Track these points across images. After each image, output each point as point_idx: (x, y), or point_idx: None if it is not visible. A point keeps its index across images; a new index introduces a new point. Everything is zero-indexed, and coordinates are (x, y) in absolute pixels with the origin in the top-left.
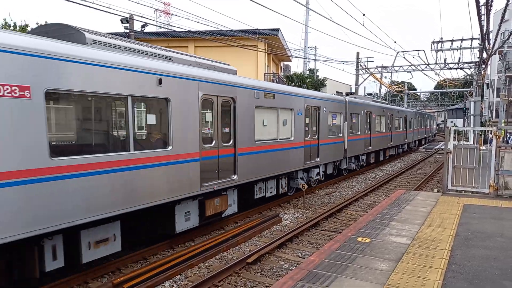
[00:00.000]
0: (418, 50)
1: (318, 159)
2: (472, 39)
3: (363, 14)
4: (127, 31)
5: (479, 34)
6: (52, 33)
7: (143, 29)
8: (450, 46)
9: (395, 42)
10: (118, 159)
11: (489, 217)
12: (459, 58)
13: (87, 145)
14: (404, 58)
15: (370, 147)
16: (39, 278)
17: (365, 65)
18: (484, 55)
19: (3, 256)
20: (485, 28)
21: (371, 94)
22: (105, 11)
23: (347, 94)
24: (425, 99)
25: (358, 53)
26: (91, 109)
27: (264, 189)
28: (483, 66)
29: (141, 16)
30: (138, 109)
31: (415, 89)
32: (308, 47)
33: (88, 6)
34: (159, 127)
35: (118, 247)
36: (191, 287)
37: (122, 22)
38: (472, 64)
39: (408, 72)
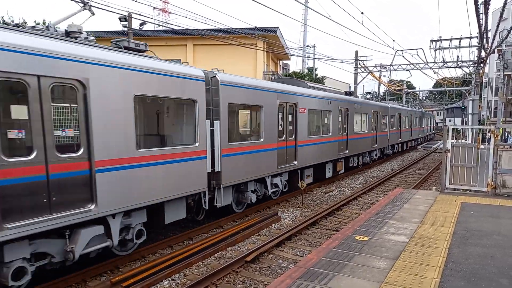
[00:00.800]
0: (417, 49)
1: (347, 151)
2: (470, 37)
3: (362, 13)
4: (125, 29)
5: (477, 33)
6: (289, 82)
7: (141, 27)
8: (449, 45)
9: (393, 40)
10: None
11: (486, 216)
12: (458, 56)
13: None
14: (403, 56)
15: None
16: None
17: (364, 64)
18: (483, 53)
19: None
20: (483, 26)
21: (369, 93)
22: (104, 9)
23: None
24: (424, 98)
25: (357, 52)
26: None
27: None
28: (482, 64)
29: (140, 15)
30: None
31: (414, 88)
32: (307, 46)
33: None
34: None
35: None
36: (190, 285)
37: (121, 21)
38: (470, 63)
39: (406, 70)
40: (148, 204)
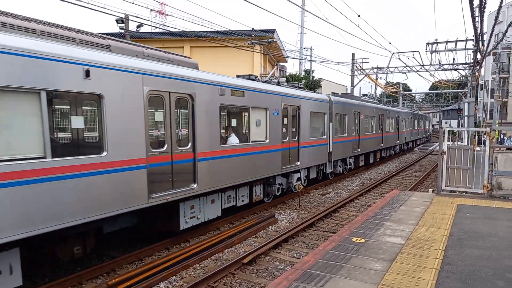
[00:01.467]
0: (413, 51)
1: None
2: (466, 40)
3: (358, 16)
4: (122, 31)
5: (473, 36)
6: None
7: (138, 29)
8: (445, 47)
9: (390, 43)
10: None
11: (482, 217)
12: (454, 59)
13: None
14: (399, 59)
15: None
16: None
17: (360, 66)
18: (478, 56)
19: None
20: (479, 29)
21: (366, 95)
22: (100, 11)
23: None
24: (420, 100)
25: (353, 54)
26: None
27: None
28: (477, 67)
29: (137, 17)
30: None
31: (411, 90)
32: (304, 48)
33: (83, 6)
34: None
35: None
36: None
37: (118, 23)
38: (466, 65)
39: (403, 73)
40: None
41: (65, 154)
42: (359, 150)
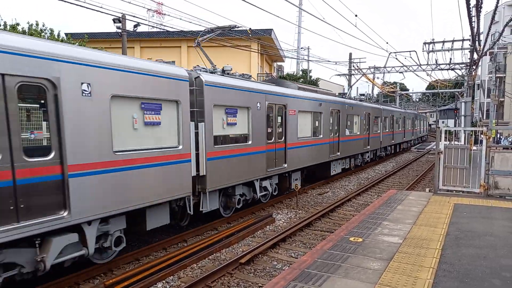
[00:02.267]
0: (410, 51)
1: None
2: (463, 40)
3: (356, 15)
4: (119, 30)
5: (470, 35)
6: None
7: (135, 29)
8: (442, 47)
9: (387, 43)
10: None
11: (479, 217)
12: (450, 59)
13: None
14: (396, 59)
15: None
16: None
17: (357, 66)
18: (475, 56)
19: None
20: (475, 29)
21: (363, 95)
22: (98, 11)
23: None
24: (417, 100)
25: (350, 54)
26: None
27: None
28: (474, 67)
29: (134, 16)
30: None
31: (408, 90)
32: (301, 48)
33: (80, 6)
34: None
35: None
36: None
37: (114, 22)
38: (463, 65)
39: (400, 72)
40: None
41: (314, 135)
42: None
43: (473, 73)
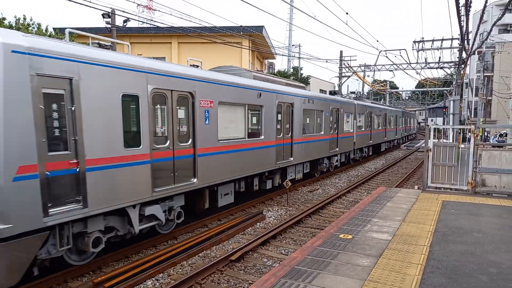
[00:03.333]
0: (400, 50)
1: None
2: (452, 39)
3: (347, 13)
4: (109, 26)
5: (459, 34)
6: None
7: (125, 24)
8: (431, 46)
9: (377, 41)
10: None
11: (467, 213)
12: (440, 58)
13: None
14: (387, 57)
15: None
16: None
17: (348, 64)
18: (464, 55)
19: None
20: (464, 28)
21: (354, 93)
22: (86, 5)
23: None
24: (407, 98)
25: (341, 52)
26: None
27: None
28: (463, 65)
29: (123, 11)
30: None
31: (397, 88)
32: (293, 45)
33: (69, 0)
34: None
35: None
36: (174, 285)
37: (104, 17)
38: (452, 64)
39: (390, 71)
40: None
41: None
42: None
43: (462, 72)
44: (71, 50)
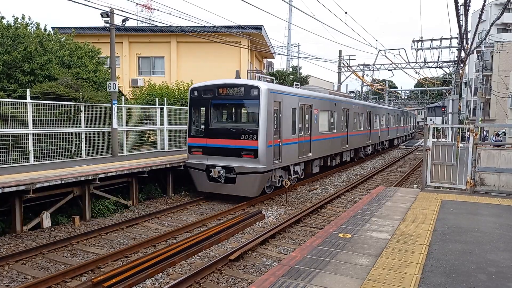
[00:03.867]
0: (399, 49)
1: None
2: (450, 38)
3: (346, 12)
4: (107, 25)
5: (457, 34)
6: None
7: (124, 23)
8: (430, 45)
9: (376, 40)
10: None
11: (465, 213)
12: (438, 57)
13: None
14: (386, 56)
15: None
16: None
17: (347, 63)
18: (462, 54)
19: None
20: (463, 28)
21: (353, 92)
22: (85, 5)
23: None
24: (406, 97)
25: (340, 51)
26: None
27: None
28: (461, 65)
29: (122, 10)
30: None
31: (396, 87)
32: (292, 45)
33: None
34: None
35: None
36: (173, 285)
37: (102, 16)
38: (450, 63)
39: (389, 70)
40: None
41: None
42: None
43: (461, 71)
44: (281, 88)
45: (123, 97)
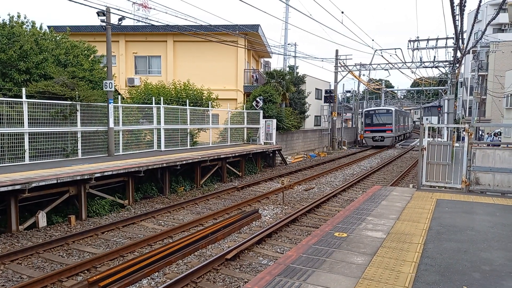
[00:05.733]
0: (395, 49)
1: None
2: (446, 38)
3: (342, 12)
4: (104, 24)
5: (453, 34)
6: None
7: (120, 22)
8: (426, 45)
9: (373, 40)
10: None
11: (460, 212)
12: (435, 57)
13: None
14: (382, 56)
15: None
16: None
17: (344, 63)
18: (458, 54)
19: None
20: (459, 28)
21: (349, 91)
22: (81, 3)
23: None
24: (402, 97)
25: (337, 51)
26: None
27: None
28: (457, 65)
29: (118, 9)
30: None
31: (393, 87)
32: (288, 44)
33: None
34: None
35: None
36: (169, 284)
37: (99, 15)
38: (446, 63)
39: (385, 70)
40: None
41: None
42: None
43: (456, 71)
44: (396, 108)
45: (119, 96)
